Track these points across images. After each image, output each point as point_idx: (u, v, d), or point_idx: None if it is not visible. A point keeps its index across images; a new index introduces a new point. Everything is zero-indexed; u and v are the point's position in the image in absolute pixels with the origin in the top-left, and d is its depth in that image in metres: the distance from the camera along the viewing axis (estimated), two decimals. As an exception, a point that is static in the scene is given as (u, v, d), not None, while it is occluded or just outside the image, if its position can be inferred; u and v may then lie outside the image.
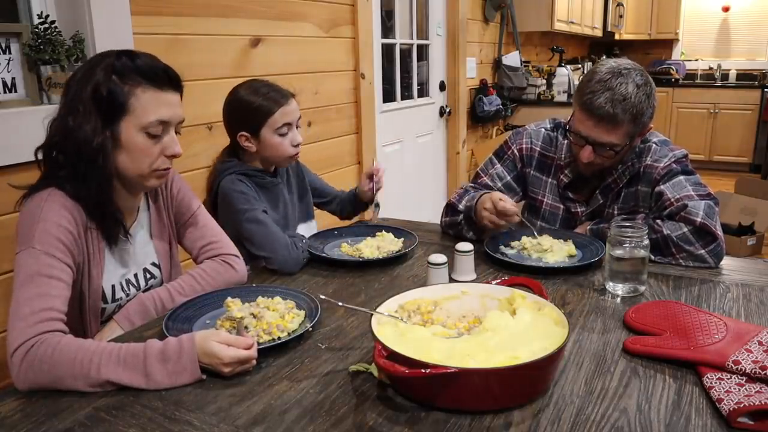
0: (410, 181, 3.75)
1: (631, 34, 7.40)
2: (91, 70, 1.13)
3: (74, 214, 1.13)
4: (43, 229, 1.08)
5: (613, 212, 1.66)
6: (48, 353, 0.97)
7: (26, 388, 0.98)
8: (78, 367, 0.96)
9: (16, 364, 0.98)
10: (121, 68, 1.12)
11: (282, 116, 1.60)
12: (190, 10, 2.04)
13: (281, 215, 1.69)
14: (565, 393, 0.94)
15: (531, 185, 1.78)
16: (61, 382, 0.97)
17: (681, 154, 1.60)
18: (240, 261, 1.40)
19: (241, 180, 1.58)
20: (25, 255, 1.07)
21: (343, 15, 2.84)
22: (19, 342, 0.99)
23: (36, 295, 1.03)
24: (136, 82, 1.13)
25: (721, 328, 1.06)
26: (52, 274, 1.06)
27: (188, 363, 0.98)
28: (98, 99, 1.11)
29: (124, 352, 0.99)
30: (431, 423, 0.87)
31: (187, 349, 0.99)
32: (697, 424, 0.86)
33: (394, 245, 1.62)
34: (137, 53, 1.16)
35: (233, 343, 1.01)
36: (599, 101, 1.48)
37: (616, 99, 1.47)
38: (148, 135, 1.15)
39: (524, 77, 4.71)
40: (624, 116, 1.48)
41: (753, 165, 6.58)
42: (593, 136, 1.52)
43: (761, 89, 6.56)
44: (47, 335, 1.00)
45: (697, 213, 1.45)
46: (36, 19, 1.64)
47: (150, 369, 0.97)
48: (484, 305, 1.14)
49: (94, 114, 1.11)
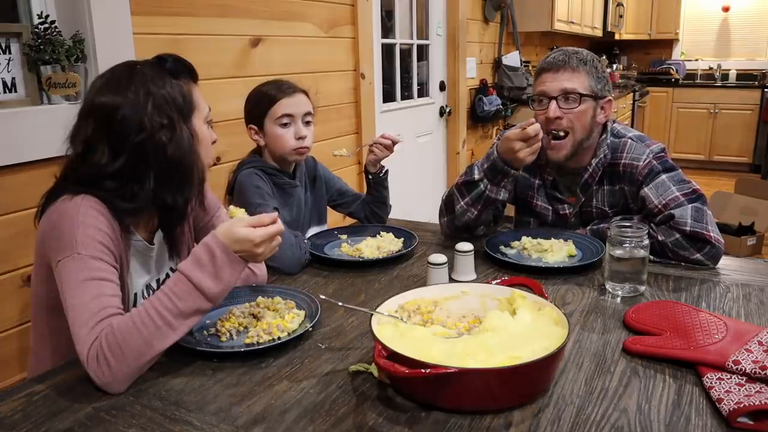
0: (410, 181, 3.75)
1: (631, 34, 7.40)
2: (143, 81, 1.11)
3: (109, 219, 1.10)
4: (85, 234, 1.05)
5: (606, 210, 1.65)
6: (111, 341, 0.96)
7: (121, 386, 0.96)
8: (144, 330, 0.96)
9: (94, 370, 0.96)
10: (174, 69, 1.18)
11: (282, 107, 1.61)
12: (190, 10, 2.04)
13: (294, 217, 1.69)
14: (565, 393, 0.94)
15: (520, 185, 1.76)
16: (141, 356, 0.96)
17: (658, 149, 1.59)
18: (261, 265, 1.39)
19: (258, 175, 1.60)
20: (70, 262, 1.03)
21: (343, 15, 2.84)
22: (86, 351, 0.96)
23: (91, 299, 1.01)
24: (187, 80, 1.20)
25: (721, 328, 1.06)
26: (103, 276, 1.04)
27: (223, 256, 1.00)
28: (177, 104, 1.14)
29: (167, 288, 1.00)
30: (431, 423, 0.87)
31: (214, 245, 1.01)
32: (697, 424, 0.86)
33: (394, 245, 1.62)
34: (165, 56, 1.21)
35: (257, 223, 1.03)
36: (554, 55, 1.61)
37: (570, 52, 1.61)
38: (208, 124, 1.23)
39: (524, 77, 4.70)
40: (581, 64, 1.59)
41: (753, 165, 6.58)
42: (555, 87, 1.58)
43: (761, 89, 6.57)
44: (104, 329, 0.98)
45: (685, 222, 1.44)
46: (36, 19, 1.64)
47: (198, 283, 0.99)
48: (484, 305, 1.14)
49: (180, 120, 1.14)
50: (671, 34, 7.53)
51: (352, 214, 1.90)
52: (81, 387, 0.98)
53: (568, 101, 1.57)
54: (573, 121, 1.57)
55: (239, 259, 1.03)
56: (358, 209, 1.87)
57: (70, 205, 1.08)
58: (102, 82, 1.15)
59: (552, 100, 1.57)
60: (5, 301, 1.57)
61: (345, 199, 1.88)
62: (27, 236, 1.54)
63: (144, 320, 0.97)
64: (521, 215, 1.82)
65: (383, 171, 1.82)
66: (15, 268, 1.58)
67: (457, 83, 4.12)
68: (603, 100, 1.61)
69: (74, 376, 1.02)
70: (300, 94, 1.64)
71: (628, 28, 7.23)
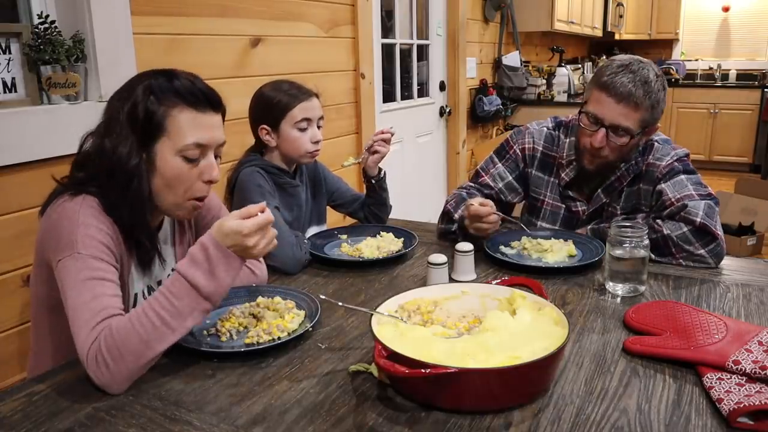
0: (410, 181, 3.75)
1: (631, 34, 7.40)
2: (130, 89, 1.11)
3: (110, 220, 1.10)
4: (86, 234, 1.05)
5: (615, 212, 1.66)
6: (109, 342, 0.95)
7: (120, 387, 0.96)
8: (142, 330, 0.96)
9: (94, 370, 0.95)
10: (158, 88, 1.09)
11: (301, 111, 1.62)
12: (190, 10, 2.04)
13: (294, 217, 1.69)
14: (565, 393, 0.94)
15: (533, 185, 1.78)
16: (140, 357, 0.96)
17: (683, 153, 1.60)
18: (261, 265, 1.39)
19: (260, 174, 1.60)
20: (71, 261, 1.03)
21: (343, 15, 2.84)
22: (86, 351, 0.96)
23: (92, 298, 1.00)
24: (172, 103, 1.09)
25: (721, 328, 1.06)
26: (104, 276, 1.03)
27: (217, 252, 0.99)
28: (134, 119, 1.08)
29: (165, 288, 0.99)
30: (431, 423, 0.87)
31: (208, 242, 1.00)
32: (697, 424, 0.86)
33: (394, 245, 1.62)
34: (177, 73, 1.13)
35: (246, 214, 1.01)
36: (622, 80, 1.48)
37: (638, 80, 1.48)
38: (184, 158, 1.11)
39: (524, 77, 4.70)
40: (645, 99, 1.48)
41: (753, 165, 6.58)
42: (611, 117, 1.50)
43: (761, 89, 6.56)
44: (103, 330, 0.97)
45: (697, 213, 1.45)
46: (36, 19, 1.64)
47: (192, 280, 0.98)
48: (484, 305, 1.14)
49: (130, 135, 1.08)
50: (671, 34, 7.53)
51: (352, 214, 1.90)
52: (81, 387, 0.98)
53: (618, 134, 1.52)
54: (615, 150, 1.56)
55: (233, 254, 1.01)
56: (358, 209, 1.87)
57: (70, 205, 1.08)
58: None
59: (601, 128, 1.53)
60: (5, 301, 1.57)
61: (345, 200, 1.88)
62: (27, 236, 1.54)
63: (142, 321, 0.97)
64: (530, 214, 1.82)
65: (382, 172, 1.82)
66: (15, 268, 1.58)
67: (457, 83, 4.12)
68: (651, 127, 1.57)
69: (74, 376, 1.02)
70: (315, 98, 1.67)
71: (628, 28, 7.23)
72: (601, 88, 1.52)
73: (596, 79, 1.54)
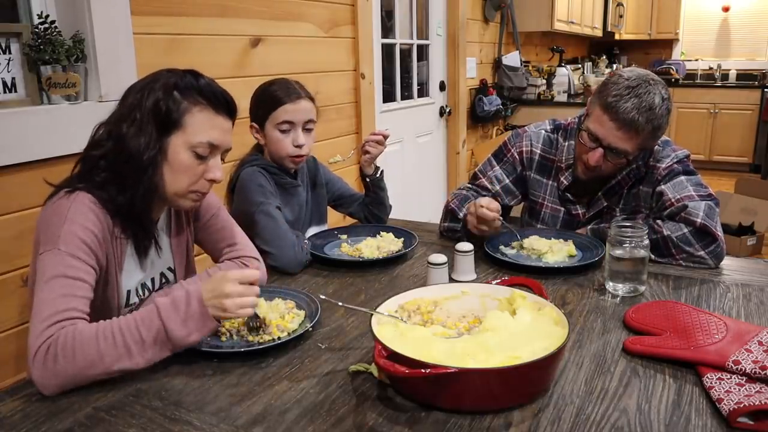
0: (410, 181, 3.75)
1: (631, 34, 7.40)
2: (154, 83, 1.14)
3: (100, 217, 1.11)
4: (69, 231, 1.06)
5: (615, 213, 1.66)
6: (68, 341, 0.96)
7: (54, 388, 0.96)
8: (103, 343, 0.96)
9: (39, 361, 0.96)
10: (183, 85, 1.14)
11: (284, 113, 1.59)
12: (190, 10, 2.04)
13: (294, 217, 1.69)
14: (565, 393, 0.94)
15: (531, 188, 1.77)
16: (89, 367, 0.96)
17: (683, 154, 1.60)
18: (261, 264, 1.39)
19: (261, 173, 1.60)
20: (49, 256, 1.04)
21: (343, 15, 2.84)
22: (38, 344, 0.96)
23: (59, 296, 1.01)
24: (195, 100, 1.14)
25: (721, 328, 1.06)
26: (76, 275, 1.04)
27: (198, 309, 1.01)
28: (157, 112, 1.12)
29: (138, 314, 1.01)
30: (431, 423, 0.87)
31: (195, 294, 1.02)
32: (697, 424, 0.86)
33: (394, 245, 1.62)
34: (201, 74, 1.18)
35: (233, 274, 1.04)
36: (626, 105, 1.45)
37: (642, 107, 1.45)
38: (195, 154, 1.16)
39: (524, 77, 4.70)
40: (646, 126, 1.46)
41: (753, 165, 6.57)
42: (610, 140, 1.49)
43: (761, 89, 6.56)
44: (65, 327, 0.98)
45: (697, 213, 1.45)
46: (36, 19, 1.64)
47: (166, 321, 1.00)
48: (484, 305, 1.14)
49: (152, 126, 1.12)
50: (671, 34, 7.53)
51: (352, 214, 1.90)
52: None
53: (615, 154, 1.52)
54: (610, 167, 1.56)
55: (210, 317, 1.02)
56: (358, 209, 1.87)
57: (63, 201, 1.10)
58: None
59: (599, 148, 1.52)
60: (5, 301, 1.57)
61: (345, 199, 1.88)
62: (27, 236, 1.54)
63: (106, 334, 0.98)
64: (530, 217, 1.82)
65: (379, 171, 1.82)
66: (15, 268, 1.58)
67: (457, 83, 4.12)
68: (653, 143, 1.57)
69: (74, 376, 1.02)
70: (304, 101, 1.61)
71: (628, 28, 7.23)
72: (604, 108, 1.49)
73: (601, 95, 1.51)
